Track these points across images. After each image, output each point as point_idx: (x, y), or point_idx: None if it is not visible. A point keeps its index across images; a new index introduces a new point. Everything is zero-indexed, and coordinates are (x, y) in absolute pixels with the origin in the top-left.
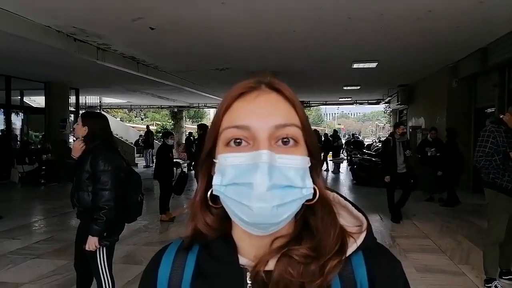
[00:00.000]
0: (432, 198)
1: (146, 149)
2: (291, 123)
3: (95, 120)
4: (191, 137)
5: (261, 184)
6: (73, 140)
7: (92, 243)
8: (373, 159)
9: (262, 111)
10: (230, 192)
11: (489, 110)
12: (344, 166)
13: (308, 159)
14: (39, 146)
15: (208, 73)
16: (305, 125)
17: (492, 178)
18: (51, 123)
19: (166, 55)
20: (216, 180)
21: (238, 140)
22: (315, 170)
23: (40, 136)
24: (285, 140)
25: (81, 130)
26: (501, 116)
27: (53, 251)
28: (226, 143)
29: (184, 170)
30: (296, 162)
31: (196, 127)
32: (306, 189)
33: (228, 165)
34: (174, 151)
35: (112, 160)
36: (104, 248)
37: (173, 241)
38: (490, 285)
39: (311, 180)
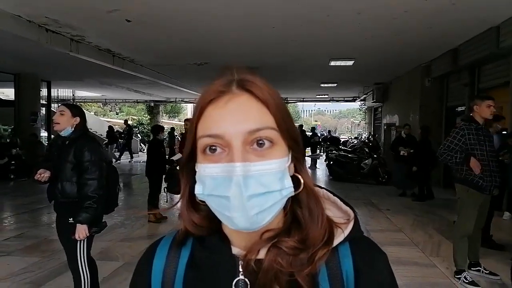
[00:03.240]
0: (405, 193)
1: (110, 143)
2: (265, 126)
3: (81, 111)
4: (174, 132)
5: (237, 197)
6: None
7: (82, 231)
8: (349, 155)
9: (234, 118)
10: (211, 202)
11: (460, 108)
12: (321, 162)
13: (286, 159)
14: (8, 140)
15: (186, 67)
16: (280, 123)
17: (465, 175)
18: (21, 116)
19: (142, 48)
20: (197, 189)
21: (213, 147)
22: (298, 162)
23: (10, 130)
24: (260, 142)
25: (70, 121)
26: (471, 114)
27: (24, 248)
28: (202, 151)
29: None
30: (271, 167)
31: (174, 122)
32: (285, 189)
33: (207, 175)
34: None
35: (97, 151)
36: (85, 241)
37: (166, 234)
38: (460, 276)
39: (289, 179)
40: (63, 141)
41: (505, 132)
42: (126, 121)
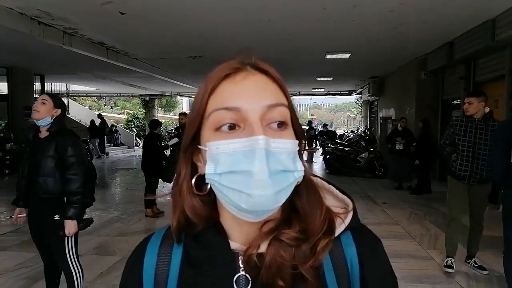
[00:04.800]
0: (401, 186)
1: (92, 138)
2: (282, 103)
3: (62, 103)
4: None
5: (261, 171)
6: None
7: (72, 226)
8: (346, 149)
9: (252, 92)
10: (225, 181)
11: (455, 101)
12: (317, 155)
13: (297, 142)
14: (1, 135)
15: (181, 61)
16: (291, 105)
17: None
18: (15, 110)
19: (137, 41)
20: (209, 169)
21: (227, 123)
22: (299, 151)
23: (3, 124)
24: (278, 123)
25: (51, 111)
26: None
27: (21, 243)
28: (215, 128)
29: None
30: (288, 146)
31: (169, 116)
32: (297, 172)
33: (222, 152)
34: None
35: (80, 145)
36: (73, 237)
37: (156, 230)
38: (470, 261)
39: (301, 162)
40: (34, 135)
41: None
42: (100, 115)
